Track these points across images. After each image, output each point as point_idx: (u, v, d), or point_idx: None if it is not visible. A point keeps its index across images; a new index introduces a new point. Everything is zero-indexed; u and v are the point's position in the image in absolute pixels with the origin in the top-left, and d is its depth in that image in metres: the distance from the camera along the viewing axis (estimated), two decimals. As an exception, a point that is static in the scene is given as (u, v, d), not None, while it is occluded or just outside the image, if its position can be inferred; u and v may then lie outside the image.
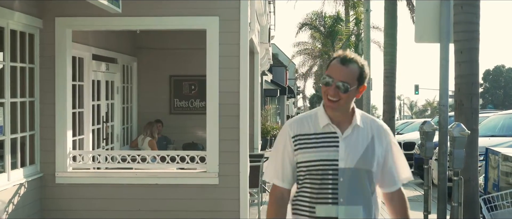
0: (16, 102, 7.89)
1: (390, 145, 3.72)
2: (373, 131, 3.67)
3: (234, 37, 8.38)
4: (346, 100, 3.57)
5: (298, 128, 3.67)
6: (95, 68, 10.73)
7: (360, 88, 3.61)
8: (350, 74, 3.55)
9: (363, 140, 3.62)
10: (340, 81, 3.53)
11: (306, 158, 3.60)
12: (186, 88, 13.87)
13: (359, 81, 3.59)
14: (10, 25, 7.59)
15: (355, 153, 3.58)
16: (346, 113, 3.64)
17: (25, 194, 7.99)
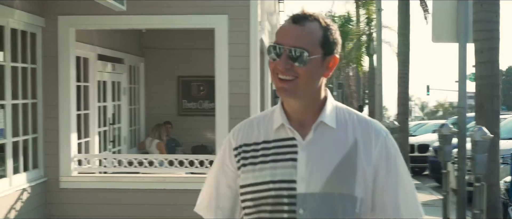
0: (17, 103, 7.59)
1: (389, 158, 2.35)
2: (357, 133, 2.33)
3: (243, 37, 8.06)
4: (306, 79, 2.25)
5: (244, 135, 2.41)
6: (100, 68, 10.44)
7: (328, 60, 2.30)
8: (307, 36, 2.25)
9: (337, 147, 2.30)
10: (293, 47, 2.22)
11: (250, 180, 2.32)
12: (194, 89, 13.57)
13: (323, 47, 2.27)
14: (10, 23, 7.29)
15: (322, 168, 2.27)
16: (311, 104, 2.33)
17: (28, 200, 7.69)
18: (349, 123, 2.35)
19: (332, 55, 2.32)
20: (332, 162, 2.27)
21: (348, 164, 2.28)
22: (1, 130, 7.22)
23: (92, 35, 9.76)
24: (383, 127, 2.39)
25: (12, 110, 7.43)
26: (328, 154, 2.28)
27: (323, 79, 2.33)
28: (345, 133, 2.33)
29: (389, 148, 2.34)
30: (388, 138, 2.36)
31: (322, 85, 2.34)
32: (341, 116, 2.36)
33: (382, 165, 2.32)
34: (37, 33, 8.02)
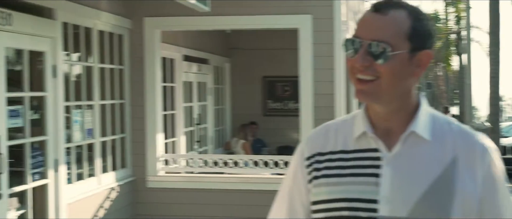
0: (105, 104, 7.74)
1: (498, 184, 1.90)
2: (457, 148, 1.89)
3: (328, 36, 7.95)
4: (390, 79, 1.84)
5: (319, 142, 2.01)
6: (186, 69, 10.55)
7: (418, 56, 1.88)
8: (391, 27, 1.84)
9: (431, 164, 1.88)
10: (374, 40, 1.82)
11: (323, 195, 1.94)
12: (279, 89, 13.55)
13: (412, 40, 1.85)
14: (97, 25, 7.44)
15: (411, 188, 1.86)
16: (400, 110, 1.92)
17: (116, 199, 7.83)
18: (448, 135, 1.91)
19: (424, 49, 1.88)
20: (424, 181, 1.84)
21: (444, 185, 1.84)
22: (89, 130, 7.37)
23: (178, 36, 9.86)
24: (490, 142, 1.94)
25: (100, 111, 7.58)
26: (419, 172, 1.86)
27: (413, 80, 1.91)
28: (442, 147, 1.89)
29: (497, 170, 1.90)
30: (495, 157, 1.92)
31: (413, 86, 1.93)
32: (438, 126, 1.93)
33: (489, 193, 1.87)
34: (124, 35, 8.15)
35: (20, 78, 6.05)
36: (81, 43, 7.18)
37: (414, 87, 1.94)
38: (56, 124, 6.42)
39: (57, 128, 6.43)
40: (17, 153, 6.01)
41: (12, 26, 5.62)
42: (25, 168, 6.02)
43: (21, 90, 6.02)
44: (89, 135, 7.37)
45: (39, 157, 6.28)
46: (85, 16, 7.07)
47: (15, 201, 6.22)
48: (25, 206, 6.10)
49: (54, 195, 6.43)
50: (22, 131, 6.02)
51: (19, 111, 5.92)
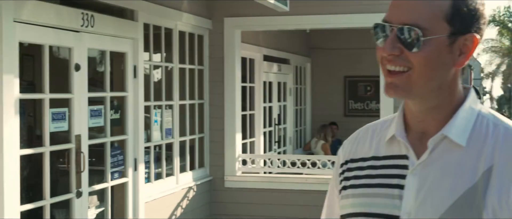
0: (185, 104, 7.82)
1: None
2: (497, 155, 1.54)
3: (410, 35, 7.77)
4: (424, 70, 1.54)
5: (354, 147, 1.76)
6: (266, 69, 10.54)
7: (461, 41, 1.55)
8: (425, 8, 1.53)
9: (463, 174, 1.55)
10: (405, 25, 1.53)
11: (348, 209, 1.69)
12: (361, 89, 13.37)
13: (452, 23, 1.53)
14: (178, 26, 7.51)
15: (436, 202, 1.55)
16: (438, 109, 1.61)
17: (194, 198, 7.90)
18: (489, 140, 1.56)
19: (468, 34, 1.56)
20: (452, 195, 1.53)
21: (472, 199, 1.52)
22: (168, 129, 7.46)
23: (258, 36, 9.86)
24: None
25: (180, 111, 7.66)
26: (447, 183, 1.55)
27: (455, 70, 1.60)
28: (479, 154, 1.55)
29: None
30: None
31: (456, 79, 1.61)
32: (479, 129, 1.59)
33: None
34: (204, 35, 8.21)
35: (102, 78, 6.17)
36: (161, 44, 7.26)
37: (457, 80, 1.62)
38: (136, 124, 6.51)
39: (137, 128, 6.53)
40: (97, 152, 6.14)
41: (94, 28, 5.73)
42: (105, 167, 6.13)
43: (103, 90, 6.14)
44: (168, 134, 7.45)
45: (119, 156, 6.39)
46: (166, 17, 7.15)
47: (95, 199, 6.36)
48: (104, 204, 6.22)
49: (132, 193, 6.53)
50: (103, 131, 6.14)
51: (100, 111, 6.03)
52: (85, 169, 5.68)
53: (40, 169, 5.23)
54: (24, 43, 5.09)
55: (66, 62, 5.61)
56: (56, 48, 5.95)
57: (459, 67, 1.58)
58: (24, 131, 5.27)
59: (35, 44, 5.24)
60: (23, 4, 4.83)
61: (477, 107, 1.62)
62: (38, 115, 5.41)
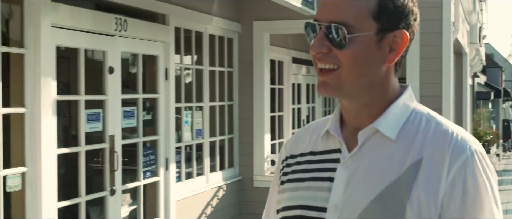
0: (214, 106, 8.01)
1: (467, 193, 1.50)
2: (426, 149, 1.55)
3: (435, 38, 7.88)
4: (353, 68, 1.54)
5: (294, 143, 1.78)
6: (295, 71, 10.70)
7: (389, 38, 1.55)
8: (351, 6, 1.54)
9: (390, 166, 1.55)
10: (332, 22, 1.53)
11: (283, 203, 1.69)
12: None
13: (378, 20, 1.54)
14: (208, 29, 7.70)
15: (363, 194, 1.55)
16: (371, 105, 1.60)
17: (223, 197, 8.08)
18: (420, 134, 1.57)
19: (397, 30, 1.55)
20: (377, 186, 1.53)
21: (398, 190, 1.52)
22: (199, 130, 7.65)
23: (287, 39, 10.03)
24: (474, 144, 1.56)
25: (210, 112, 7.85)
26: (374, 175, 1.55)
27: (388, 68, 1.59)
28: (408, 148, 1.56)
29: (471, 176, 1.52)
30: (473, 160, 1.53)
31: (389, 76, 1.60)
32: (411, 124, 1.59)
33: (454, 202, 1.50)
34: (234, 38, 8.40)
35: (134, 80, 6.38)
36: (192, 47, 7.46)
37: (390, 77, 1.61)
38: (167, 125, 6.72)
39: (168, 128, 6.73)
40: (130, 152, 6.35)
41: (127, 32, 5.94)
42: (138, 166, 6.35)
43: (135, 92, 6.35)
44: (198, 135, 7.65)
45: (151, 155, 6.59)
46: (196, 21, 7.35)
47: (128, 197, 6.57)
48: (136, 202, 6.43)
49: (164, 192, 6.73)
50: (136, 131, 6.35)
51: (133, 112, 6.24)
52: (119, 168, 5.90)
53: (75, 168, 5.46)
54: (61, 47, 5.31)
55: (101, 65, 5.83)
56: (90, 51, 6.16)
57: (390, 63, 1.57)
58: (60, 131, 5.48)
59: (71, 48, 5.46)
60: (60, 10, 5.05)
61: (413, 104, 1.62)
62: (73, 116, 5.63)
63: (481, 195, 1.51)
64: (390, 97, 1.60)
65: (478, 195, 1.51)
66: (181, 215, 7.00)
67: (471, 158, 1.52)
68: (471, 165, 1.52)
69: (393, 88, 1.60)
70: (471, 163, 1.52)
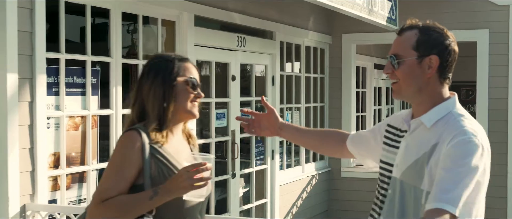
0: (309, 106, 9.38)
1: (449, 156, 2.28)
2: (442, 135, 2.35)
3: (503, 48, 9.03)
4: (405, 80, 2.43)
5: (394, 119, 2.68)
6: (376, 76, 11.97)
7: (426, 61, 2.41)
8: (402, 43, 2.47)
9: (422, 145, 2.40)
10: (390, 54, 2.48)
11: (381, 157, 2.63)
12: (463, 93, 14.52)
13: (418, 50, 2.42)
14: (305, 42, 9.09)
15: (408, 159, 2.42)
16: (422, 104, 2.46)
17: (315, 185, 9.44)
18: (443, 127, 2.37)
19: (430, 54, 2.41)
20: (415, 155, 2.38)
21: (421, 163, 2.35)
22: (297, 127, 9.02)
23: (370, 47, 11.31)
24: (469, 132, 2.31)
25: (305, 112, 9.23)
26: (414, 149, 2.40)
27: (429, 80, 2.43)
28: (434, 134, 2.37)
29: (455, 147, 2.27)
30: (460, 141, 2.28)
31: (433, 85, 2.45)
32: (445, 120, 2.39)
33: (442, 161, 2.28)
34: (325, 49, 9.77)
35: (249, 86, 7.81)
36: (292, 57, 8.86)
37: (434, 86, 2.45)
38: (273, 122, 8.11)
39: (274, 125, 8.12)
40: (246, 144, 7.78)
41: (245, 47, 7.39)
42: (251, 156, 7.78)
43: (249, 95, 7.78)
44: (296, 131, 9.01)
45: (261, 147, 8.02)
46: (296, 35, 8.73)
47: (242, 180, 8.01)
48: (249, 185, 7.86)
49: (270, 178, 8.13)
50: (250, 127, 7.75)
51: (248, 111, 7.65)
52: (238, 157, 7.34)
53: (207, 155, 6.91)
54: (199, 61, 6.79)
55: (225, 74, 7.29)
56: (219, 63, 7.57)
57: (429, 76, 2.42)
58: (198, 126, 6.89)
59: (205, 61, 6.93)
60: (200, 32, 6.52)
61: (454, 109, 2.44)
62: (206, 114, 7.07)
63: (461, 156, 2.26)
64: (435, 100, 2.44)
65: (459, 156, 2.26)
66: (283, 197, 8.39)
67: (461, 139, 2.29)
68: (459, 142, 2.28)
69: (439, 94, 2.46)
70: (458, 141, 2.29)
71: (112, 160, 2.48)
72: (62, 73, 4.91)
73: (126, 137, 2.47)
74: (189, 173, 2.33)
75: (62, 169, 4.93)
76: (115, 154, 2.48)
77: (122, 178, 2.41)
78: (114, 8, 5.41)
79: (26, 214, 4.46)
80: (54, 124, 4.89)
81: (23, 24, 4.42)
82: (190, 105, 2.60)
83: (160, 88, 2.52)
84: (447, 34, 2.47)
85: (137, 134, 2.45)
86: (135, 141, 2.43)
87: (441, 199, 2.19)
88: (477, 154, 2.26)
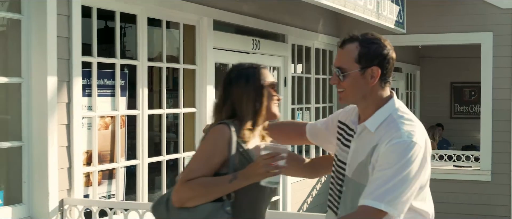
0: (318, 107, 9.69)
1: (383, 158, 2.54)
2: (382, 137, 2.59)
3: (506, 50, 9.35)
4: (350, 90, 2.64)
5: (344, 114, 2.91)
6: (382, 77, 12.23)
7: (368, 72, 2.61)
8: (344, 57, 2.66)
9: (366, 147, 2.64)
10: (336, 67, 2.67)
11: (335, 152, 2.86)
12: (466, 94, 14.84)
13: (360, 62, 2.61)
14: (315, 44, 9.40)
15: (356, 160, 2.67)
16: (367, 108, 2.68)
17: (324, 183, 9.73)
18: (384, 129, 2.61)
19: (371, 66, 2.61)
20: (361, 156, 2.63)
21: (365, 162, 2.61)
22: (307, 127, 9.34)
23: (375, 49, 11.59)
24: (404, 136, 2.53)
25: (315, 112, 9.54)
26: (361, 150, 2.64)
27: (373, 88, 2.64)
28: (376, 136, 2.60)
29: (390, 150, 2.51)
30: (394, 144, 2.52)
31: (376, 91, 2.65)
32: (386, 123, 2.62)
33: (379, 161, 2.54)
34: (334, 51, 10.06)
35: (262, 87, 8.11)
36: (303, 59, 9.17)
37: (377, 92, 2.65)
38: (285, 122, 8.43)
39: (286, 125, 8.44)
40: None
41: (260, 49, 7.70)
42: (264, 154, 8.06)
43: (263, 96, 8.07)
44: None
45: (273, 146, 8.31)
46: (307, 38, 9.05)
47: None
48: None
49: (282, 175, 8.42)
50: (263, 126, 8.07)
51: (262, 112, 7.96)
52: (253, 155, 7.63)
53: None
54: (217, 63, 7.08)
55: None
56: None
57: (372, 85, 2.63)
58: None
59: (222, 63, 7.24)
60: (218, 36, 6.82)
61: (394, 111, 2.65)
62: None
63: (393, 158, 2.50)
64: (378, 103, 2.66)
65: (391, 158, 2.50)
66: (294, 194, 8.70)
67: (395, 143, 2.52)
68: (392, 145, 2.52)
69: (381, 97, 2.67)
70: (392, 144, 2.52)
71: (202, 147, 2.79)
72: (94, 76, 5.22)
73: (219, 130, 2.77)
74: (266, 161, 2.61)
75: (94, 166, 5.24)
76: (206, 142, 2.79)
77: (208, 164, 2.72)
78: (141, 14, 5.72)
79: (64, 208, 4.76)
80: (87, 124, 5.19)
81: (62, 30, 4.72)
82: (274, 106, 2.90)
83: (252, 92, 2.83)
84: (385, 44, 2.68)
85: (227, 129, 2.75)
86: (225, 134, 2.74)
87: (372, 196, 2.45)
88: (411, 154, 2.49)
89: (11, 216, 4.52)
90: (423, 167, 2.54)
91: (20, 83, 4.61)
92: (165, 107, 6.19)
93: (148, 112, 5.86)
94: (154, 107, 6.76)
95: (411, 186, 2.49)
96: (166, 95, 6.23)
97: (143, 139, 5.79)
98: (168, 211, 2.78)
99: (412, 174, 2.48)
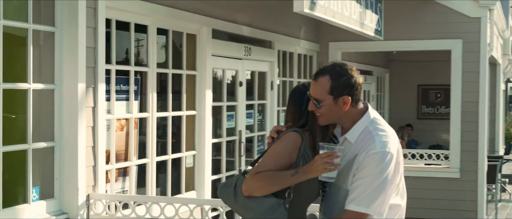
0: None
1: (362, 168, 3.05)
2: (361, 148, 3.07)
3: (474, 56, 10.03)
4: (326, 115, 3.13)
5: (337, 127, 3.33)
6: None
7: (340, 100, 3.09)
8: (319, 89, 3.11)
9: (348, 155, 3.11)
10: (312, 97, 3.15)
11: None
12: (432, 96, 15.59)
13: (332, 94, 3.08)
14: (297, 50, 9.97)
15: (340, 166, 3.07)
16: (345, 125, 3.18)
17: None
18: (362, 140, 3.08)
19: (342, 95, 3.07)
20: (342, 164, 3.07)
21: (347, 169, 3.07)
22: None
23: (350, 53, 12.19)
24: (379, 147, 3.01)
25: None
26: (343, 159, 3.08)
27: (347, 111, 3.11)
28: (357, 146, 3.08)
29: (367, 161, 3.00)
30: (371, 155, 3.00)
31: (350, 111, 3.13)
32: (363, 134, 3.09)
33: (358, 170, 3.03)
34: (313, 56, 10.65)
35: (252, 90, 8.66)
36: (286, 64, 9.72)
37: (351, 111, 3.12)
38: (272, 123, 8.98)
39: (272, 126, 8.97)
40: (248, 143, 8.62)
41: (251, 56, 8.24)
42: (253, 153, 8.62)
43: (253, 99, 8.62)
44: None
45: (261, 146, 8.87)
46: (290, 44, 9.60)
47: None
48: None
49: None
50: (253, 128, 8.62)
51: (251, 114, 8.52)
52: (244, 154, 8.18)
53: (220, 152, 7.75)
54: (214, 69, 7.59)
55: (234, 80, 8.12)
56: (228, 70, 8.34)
57: (345, 109, 3.10)
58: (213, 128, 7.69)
59: (218, 68, 7.76)
60: (215, 44, 7.34)
61: (368, 123, 3.12)
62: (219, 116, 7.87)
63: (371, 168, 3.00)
64: (354, 118, 3.15)
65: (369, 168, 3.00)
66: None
67: (371, 154, 3.01)
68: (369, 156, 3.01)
69: (356, 113, 3.15)
70: (369, 155, 3.01)
71: (275, 148, 3.25)
72: (112, 82, 5.71)
73: (293, 136, 3.22)
74: (323, 159, 3.04)
75: (112, 164, 5.74)
76: (280, 144, 3.24)
77: (277, 163, 3.19)
78: (152, 24, 6.22)
79: (90, 202, 5.25)
80: (106, 126, 5.68)
81: (90, 41, 5.21)
82: None
83: None
84: (352, 74, 3.11)
85: (300, 138, 3.21)
86: (298, 141, 3.20)
87: (355, 202, 2.98)
88: (385, 163, 3.00)
89: (45, 210, 4.99)
90: (397, 171, 3.06)
91: (53, 89, 5.09)
92: (170, 110, 6.68)
93: (157, 114, 6.37)
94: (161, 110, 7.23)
95: (388, 189, 3.00)
96: (171, 99, 6.73)
97: (152, 139, 6.29)
98: (236, 197, 3.25)
99: (388, 178, 2.98)
